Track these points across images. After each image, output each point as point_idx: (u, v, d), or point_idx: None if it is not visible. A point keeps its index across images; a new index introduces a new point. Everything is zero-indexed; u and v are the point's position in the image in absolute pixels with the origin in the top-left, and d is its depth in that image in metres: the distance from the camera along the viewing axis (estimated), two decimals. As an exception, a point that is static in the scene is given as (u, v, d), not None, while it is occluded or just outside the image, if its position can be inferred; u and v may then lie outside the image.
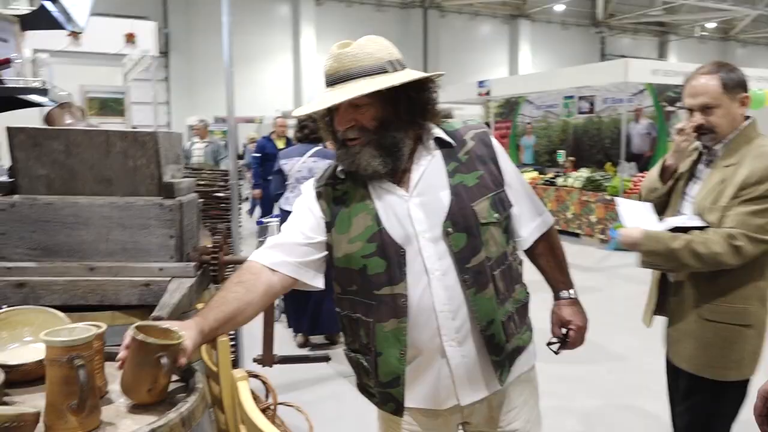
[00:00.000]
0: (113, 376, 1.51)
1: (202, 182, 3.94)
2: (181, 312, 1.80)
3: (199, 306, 1.93)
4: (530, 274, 1.78)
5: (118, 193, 1.96)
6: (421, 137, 1.59)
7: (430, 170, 1.55)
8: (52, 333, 1.25)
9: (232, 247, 3.33)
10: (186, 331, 1.34)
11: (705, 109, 2.03)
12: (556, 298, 1.75)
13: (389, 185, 1.55)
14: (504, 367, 1.58)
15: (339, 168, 1.61)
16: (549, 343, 1.75)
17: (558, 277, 1.74)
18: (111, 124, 7.06)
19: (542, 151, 12.36)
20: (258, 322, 4.16)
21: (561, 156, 11.30)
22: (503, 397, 1.65)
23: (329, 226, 1.58)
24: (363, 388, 1.67)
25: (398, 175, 1.56)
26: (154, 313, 1.72)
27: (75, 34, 6.14)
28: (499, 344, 1.55)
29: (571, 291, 1.74)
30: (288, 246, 1.57)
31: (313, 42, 21.72)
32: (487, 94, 11.90)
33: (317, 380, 4.06)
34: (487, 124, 8.16)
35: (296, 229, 1.60)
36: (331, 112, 1.56)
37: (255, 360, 2.25)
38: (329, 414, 3.50)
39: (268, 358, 2.18)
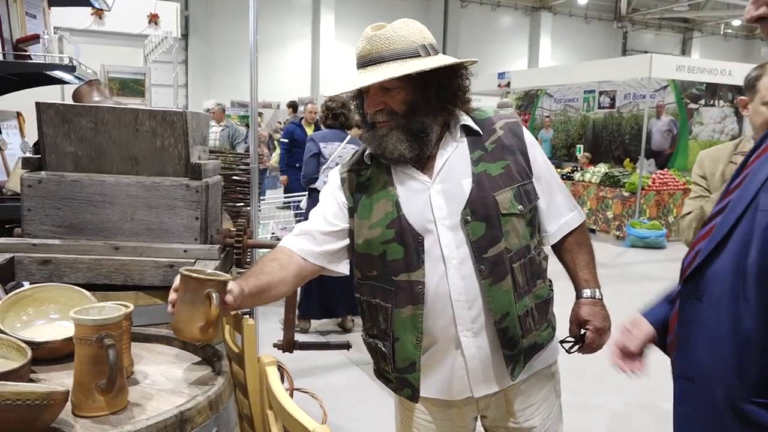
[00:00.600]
0: (138, 357, 1.50)
1: (223, 165, 3.93)
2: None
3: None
4: (556, 263, 1.75)
5: (145, 172, 1.94)
6: (449, 124, 1.57)
7: (454, 157, 1.54)
8: (81, 311, 1.24)
9: (251, 231, 3.32)
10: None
11: None
12: (578, 296, 1.71)
13: (413, 171, 1.54)
14: (517, 362, 1.55)
15: (367, 152, 1.60)
16: (563, 341, 1.70)
17: (583, 275, 1.69)
18: (131, 104, 7.06)
19: (560, 145, 12.27)
20: (271, 307, 4.14)
21: (580, 150, 11.20)
22: (521, 393, 1.62)
23: (352, 212, 1.58)
24: (380, 374, 1.67)
25: (423, 161, 1.55)
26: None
27: (99, 13, 6.13)
28: (514, 338, 1.53)
29: (597, 291, 1.68)
30: (314, 234, 1.59)
31: (332, 29, 21.65)
32: (507, 85, 11.81)
33: (332, 367, 4.06)
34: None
35: (321, 216, 1.61)
36: (362, 94, 1.55)
37: (275, 345, 2.24)
38: (343, 402, 3.49)
39: (288, 344, 2.17)
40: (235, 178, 4.12)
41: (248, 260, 3.04)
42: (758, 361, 0.97)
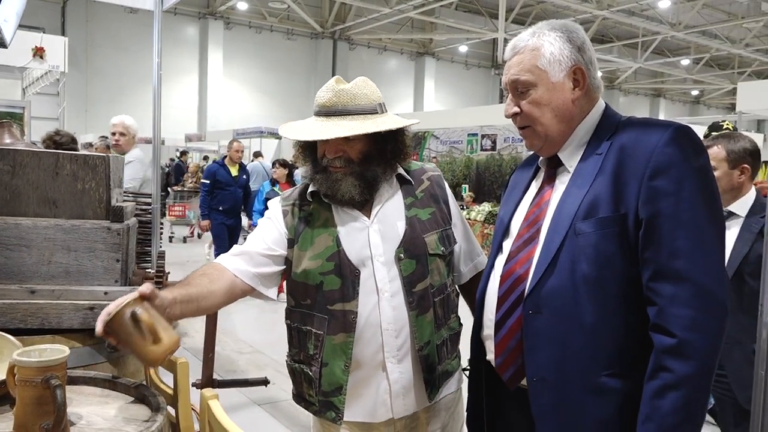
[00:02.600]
0: (68, 399, 1.51)
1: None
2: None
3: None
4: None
5: (64, 215, 1.94)
6: (387, 173, 1.75)
7: (390, 202, 1.72)
8: (24, 354, 1.27)
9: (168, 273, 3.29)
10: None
11: None
12: None
13: (354, 211, 1.69)
14: (434, 386, 1.72)
15: (310, 190, 1.72)
16: (464, 369, 1.86)
17: None
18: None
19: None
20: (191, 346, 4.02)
21: (465, 190, 11.82)
22: (433, 415, 1.79)
23: (291, 243, 1.70)
24: (301, 398, 1.75)
25: (362, 203, 1.70)
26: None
27: (-20, 46, 5.80)
28: (432, 365, 1.70)
29: None
30: (252, 254, 1.68)
31: (220, 65, 21.49)
32: (396, 127, 12.27)
33: (234, 408, 4.04)
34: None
35: (261, 240, 1.71)
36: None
37: (194, 384, 2.26)
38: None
39: (207, 382, 2.20)
40: (140, 219, 4.05)
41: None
42: (604, 344, 1.27)
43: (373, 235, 1.67)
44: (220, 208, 6.64)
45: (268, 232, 1.72)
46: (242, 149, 7.06)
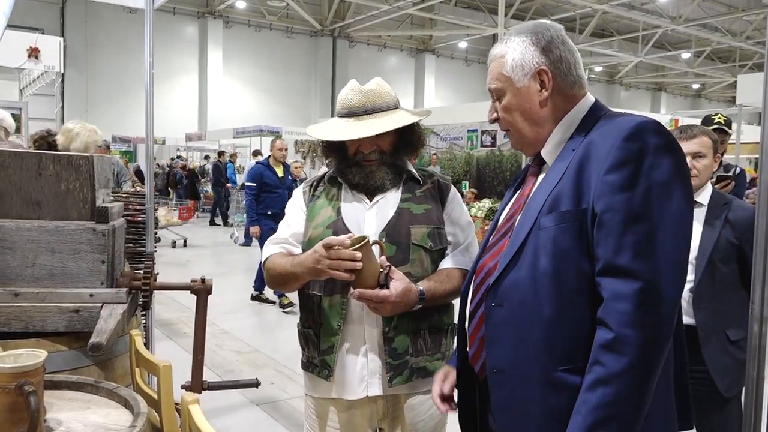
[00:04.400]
0: (48, 404, 1.48)
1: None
2: (116, 338, 1.79)
3: (133, 332, 1.91)
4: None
5: (48, 216, 1.91)
6: (410, 160, 1.90)
7: (390, 193, 1.82)
8: (-2, 359, 1.23)
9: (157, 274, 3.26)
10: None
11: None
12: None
13: (359, 194, 1.82)
14: (399, 373, 1.72)
15: (327, 177, 1.90)
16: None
17: (428, 281, 1.74)
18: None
19: (447, 181, 12.80)
20: (177, 354, 3.99)
21: (466, 187, 11.77)
22: (411, 408, 1.79)
23: (306, 216, 1.86)
24: (309, 363, 1.83)
25: (370, 190, 1.82)
26: (92, 340, 1.70)
27: (-27, 46, 5.76)
28: (398, 350, 1.71)
29: (424, 291, 1.70)
30: (288, 241, 1.85)
31: (219, 64, 21.47)
32: (396, 124, 12.23)
33: (233, 408, 4.01)
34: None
35: (289, 225, 1.88)
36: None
37: (183, 386, 2.23)
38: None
39: (197, 385, 2.17)
40: (135, 219, 4.03)
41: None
42: (561, 338, 1.25)
43: (369, 217, 1.79)
44: (269, 213, 6.39)
45: (294, 216, 1.89)
46: (285, 147, 6.74)
